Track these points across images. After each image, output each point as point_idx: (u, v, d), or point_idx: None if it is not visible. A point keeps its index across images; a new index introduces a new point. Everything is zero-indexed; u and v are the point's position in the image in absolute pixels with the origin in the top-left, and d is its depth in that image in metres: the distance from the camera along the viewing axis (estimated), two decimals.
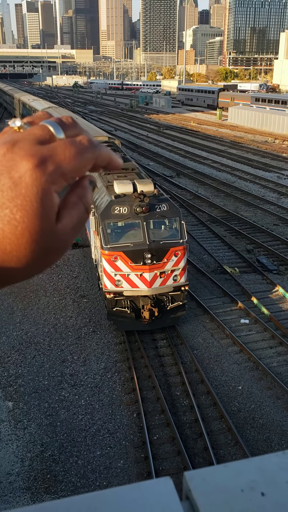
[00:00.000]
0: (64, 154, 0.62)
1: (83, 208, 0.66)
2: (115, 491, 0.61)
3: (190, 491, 0.61)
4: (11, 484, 9.23)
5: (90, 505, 0.59)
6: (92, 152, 0.65)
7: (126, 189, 13.28)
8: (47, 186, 0.59)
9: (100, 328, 14.55)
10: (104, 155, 0.68)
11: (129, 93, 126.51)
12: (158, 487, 0.62)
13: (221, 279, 17.74)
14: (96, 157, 0.66)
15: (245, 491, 0.61)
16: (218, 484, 0.62)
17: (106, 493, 0.60)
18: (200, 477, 0.63)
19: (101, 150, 0.67)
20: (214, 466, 0.65)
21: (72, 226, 0.64)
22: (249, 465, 0.65)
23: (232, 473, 0.64)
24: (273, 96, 70.79)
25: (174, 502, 0.60)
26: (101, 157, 0.67)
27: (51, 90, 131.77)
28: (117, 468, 9.58)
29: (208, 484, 0.62)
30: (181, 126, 61.96)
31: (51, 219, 0.61)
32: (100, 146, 0.67)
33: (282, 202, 27.76)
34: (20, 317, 15.29)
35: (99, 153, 0.66)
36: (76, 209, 0.65)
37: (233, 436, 10.30)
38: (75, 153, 0.63)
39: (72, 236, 0.64)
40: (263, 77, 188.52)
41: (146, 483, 0.62)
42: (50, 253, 0.62)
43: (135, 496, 0.60)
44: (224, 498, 0.60)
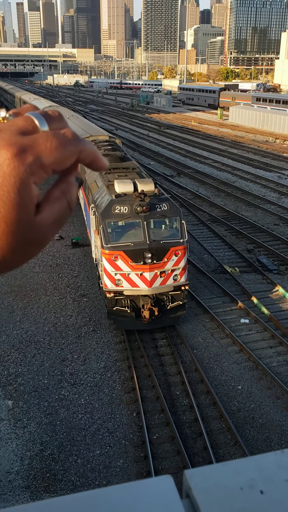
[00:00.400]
0: (46, 145, 0.61)
1: (65, 204, 0.65)
2: (116, 488, 0.61)
3: (190, 489, 0.62)
4: (11, 483, 9.24)
5: (91, 502, 0.59)
6: (75, 145, 0.64)
7: (126, 188, 13.28)
8: (26, 177, 0.59)
9: (100, 327, 14.56)
10: (89, 151, 0.67)
11: (130, 92, 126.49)
12: (159, 485, 0.62)
13: (221, 279, 17.74)
14: (80, 151, 0.65)
15: (244, 489, 0.62)
16: (218, 482, 0.63)
17: (107, 490, 0.61)
18: (200, 475, 0.63)
19: (86, 145, 0.66)
20: (214, 465, 0.66)
21: (52, 220, 0.63)
22: (248, 464, 0.66)
23: (231, 472, 0.65)
24: (274, 96, 70.75)
25: (174, 500, 0.60)
26: (85, 152, 0.66)
27: (52, 89, 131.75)
28: (116, 467, 9.59)
29: (208, 482, 0.63)
30: (182, 125, 61.93)
31: (29, 210, 0.60)
32: (84, 141, 0.66)
33: (283, 202, 27.75)
34: (20, 316, 15.30)
35: (83, 148, 0.65)
36: (58, 204, 0.64)
37: (233, 435, 10.31)
38: (57, 145, 0.62)
39: (53, 230, 0.64)
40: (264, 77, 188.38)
41: (147, 481, 0.63)
42: (29, 245, 0.62)
43: (136, 494, 0.61)
44: (224, 496, 0.61)
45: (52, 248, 20.62)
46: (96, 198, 14.44)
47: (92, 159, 0.68)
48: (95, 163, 0.69)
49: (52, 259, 19.50)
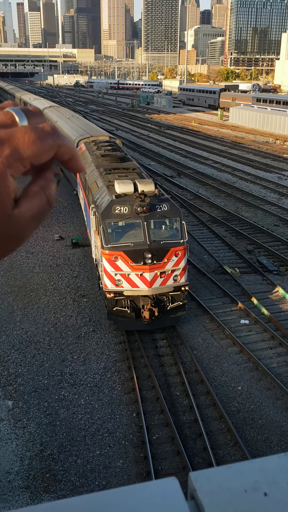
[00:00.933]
0: (24, 138, 0.61)
1: (44, 199, 0.65)
2: (122, 491, 0.62)
3: (195, 490, 0.62)
4: (10, 483, 9.24)
5: (96, 505, 0.60)
6: (53, 140, 0.64)
7: (127, 189, 13.29)
8: (2, 169, 0.59)
9: (100, 327, 14.56)
10: (67, 147, 0.66)
11: (130, 92, 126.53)
12: (164, 487, 0.63)
13: (221, 280, 17.75)
14: (59, 146, 0.65)
15: (248, 491, 0.63)
16: (222, 484, 0.64)
17: (112, 493, 0.62)
18: (204, 478, 0.64)
19: (65, 141, 0.66)
20: (218, 467, 0.67)
21: (31, 215, 0.63)
22: (251, 466, 0.67)
23: (235, 474, 0.66)
24: (274, 97, 70.77)
25: (180, 502, 0.61)
26: (64, 147, 0.66)
27: (52, 89, 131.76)
28: (116, 468, 9.59)
29: (212, 484, 0.63)
30: (182, 126, 61.95)
31: (6, 203, 0.60)
32: (64, 137, 0.66)
33: (283, 202, 27.76)
34: (20, 316, 15.30)
35: (61, 143, 0.65)
36: (37, 199, 0.64)
37: (233, 436, 10.31)
38: (35, 138, 0.62)
39: (32, 225, 0.64)
40: (264, 77, 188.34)
41: (152, 483, 0.64)
42: (6, 239, 0.62)
43: (142, 496, 0.62)
44: (229, 498, 0.62)
45: (52, 249, 20.63)
46: (96, 198, 14.45)
47: (70, 156, 0.67)
48: (73, 161, 0.68)
49: (52, 260, 19.50)
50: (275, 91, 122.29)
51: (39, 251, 20.33)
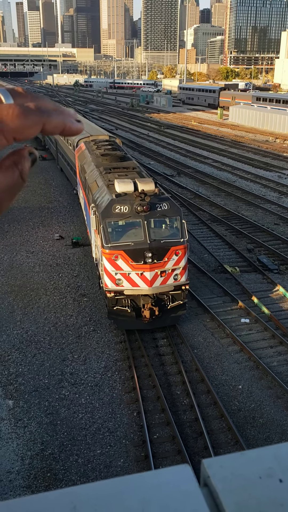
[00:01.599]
0: (7, 112, 0.62)
1: (17, 173, 0.66)
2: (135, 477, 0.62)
3: (209, 477, 0.62)
4: (11, 482, 9.24)
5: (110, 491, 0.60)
6: (38, 116, 0.65)
7: (127, 188, 13.27)
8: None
9: (100, 327, 14.56)
10: (55, 122, 0.68)
11: (130, 91, 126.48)
12: (177, 474, 0.63)
13: (222, 278, 17.74)
14: (44, 121, 0.66)
15: (263, 478, 0.63)
16: (236, 471, 0.63)
17: (126, 479, 0.62)
18: (218, 464, 0.64)
19: (51, 117, 0.67)
20: (232, 454, 0.67)
21: (5, 187, 0.64)
22: (265, 453, 0.67)
23: (249, 461, 0.65)
24: (274, 96, 70.71)
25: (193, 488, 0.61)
26: (51, 123, 0.67)
27: (51, 89, 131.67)
28: (117, 467, 9.59)
29: (226, 471, 0.63)
30: (182, 125, 61.91)
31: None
32: (50, 112, 0.67)
33: (283, 201, 27.75)
34: (21, 315, 15.30)
35: (47, 119, 0.66)
36: (9, 172, 0.65)
37: (233, 435, 10.31)
38: (18, 113, 0.63)
39: (5, 198, 0.65)
40: (264, 76, 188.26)
41: (165, 470, 0.63)
42: None
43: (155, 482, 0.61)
44: (243, 484, 0.62)
45: (52, 248, 20.62)
46: (96, 197, 14.44)
47: (62, 128, 0.69)
48: (68, 131, 0.70)
49: (52, 259, 19.50)
50: (274, 88, 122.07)
51: (39, 251, 20.32)
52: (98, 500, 0.59)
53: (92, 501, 0.59)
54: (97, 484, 0.61)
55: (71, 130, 0.70)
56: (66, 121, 0.69)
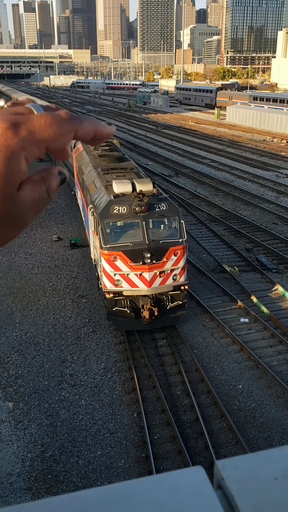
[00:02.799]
0: (40, 122, 0.63)
1: (44, 189, 0.66)
2: (148, 480, 0.60)
3: (223, 479, 0.61)
4: (12, 485, 9.22)
5: (123, 493, 0.59)
6: (70, 123, 0.65)
7: (125, 188, 13.26)
8: (17, 149, 0.60)
9: (99, 328, 14.54)
10: (86, 129, 0.68)
11: (126, 92, 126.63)
12: (191, 476, 0.62)
13: (221, 278, 17.74)
14: (76, 129, 0.66)
15: (279, 479, 0.61)
16: (251, 473, 0.62)
17: (139, 482, 0.60)
18: (232, 466, 0.63)
19: (83, 124, 0.68)
20: (246, 455, 0.65)
21: (32, 199, 0.64)
22: (281, 454, 0.65)
23: (264, 461, 0.64)
24: (271, 95, 70.77)
25: (208, 491, 0.59)
26: (83, 130, 0.68)
27: (48, 90, 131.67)
28: (118, 468, 9.58)
29: (240, 473, 0.62)
30: (179, 125, 61.94)
31: (14, 183, 0.61)
32: (81, 119, 0.68)
33: (281, 200, 27.77)
34: (20, 317, 15.27)
35: (79, 126, 0.67)
36: (37, 187, 0.66)
37: (234, 435, 10.30)
38: (51, 123, 0.63)
39: (32, 211, 0.65)
40: (260, 76, 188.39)
41: (178, 472, 0.62)
42: (7, 220, 0.62)
43: (168, 485, 0.60)
44: (258, 485, 0.60)
45: (50, 249, 20.60)
46: (94, 198, 14.42)
47: (93, 135, 0.70)
48: (100, 134, 0.71)
49: (50, 260, 19.47)
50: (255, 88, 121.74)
51: (37, 252, 20.30)
52: (110, 504, 0.58)
53: (103, 505, 0.57)
54: (108, 487, 0.60)
55: (102, 133, 0.71)
56: (98, 126, 0.70)
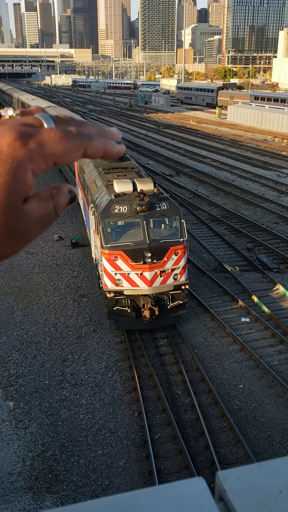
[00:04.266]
0: (50, 135, 0.62)
1: (52, 206, 0.65)
2: (148, 492, 0.59)
3: (225, 491, 0.59)
4: (13, 484, 9.22)
5: (124, 505, 0.58)
6: (80, 140, 0.65)
7: (126, 188, 13.25)
8: (24, 161, 0.59)
9: (100, 327, 14.54)
10: (96, 145, 0.67)
11: (128, 91, 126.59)
12: (192, 488, 0.60)
13: (222, 278, 17.72)
14: (86, 146, 0.66)
15: (283, 491, 0.59)
16: (254, 484, 0.60)
17: (138, 494, 0.59)
18: (234, 477, 0.60)
19: (93, 141, 0.67)
20: (249, 465, 0.63)
21: (38, 215, 0.63)
22: (285, 464, 0.63)
23: (268, 472, 0.62)
24: (272, 95, 70.70)
25: (209, 504, 0.58)
26: (92, 148, 0.67)
27: (50, 90, 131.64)
28: (118, 467, 9.58)
29: (243, 484, 0.60)
30: (180, 124, 61.90)
31: (20, 195, 0.60)
32: (92, 137, 0.67)
33: (282, 200, 27.75)
34: (21, 316, 15.28)
35: (88, 143, 0.66)
36: (45, 203, 0.65)
37: (235, 434, 10.30)
38: (60, 137, 0.62)
39: (37, 226, 0.64)
40: (262, 75, 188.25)
41: (179, 483, 0.60)
42: (12, 234, 0.61)
43: (169, 497, 0.58)
44: (262, 498, 0.58)
45: (52, 249, 20.60)
46: (95, 198, 14.42)
47: (102, 152, 0.69)
48: (108, 154, 0.70)
49: (52, 260, 19.48)
50: (242, 88, 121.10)
51: (38, 252, 20.30)
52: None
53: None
54: (108, 499, 0.58)
55: (111, 153, 0.71)
56: (107, 145, 0.69)
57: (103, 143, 0.69)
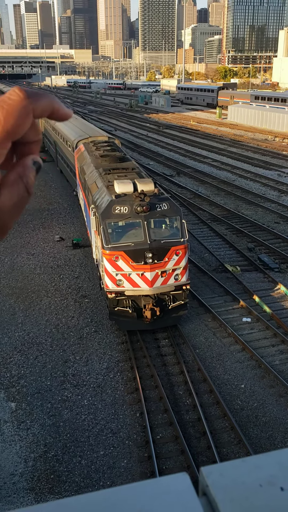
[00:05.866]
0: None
1: (23, 187, 0.63)
2: (132, 487, 0.60)
3: (207, 486, 0.60)
4: (15, 485, 9.24)
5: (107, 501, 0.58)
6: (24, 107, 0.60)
7: (126, 188, 13.26)
8: None
9: (102, 328, 14.55)
10: (42, 106, 0.63)
11: (128, 92, 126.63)
12: (175, 483, 0.61)
13: (223, 278, 17.72)
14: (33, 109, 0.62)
15: (263, 486, 0.60)
16: (236, 479, 0.61)
17: (122, 489, 0.60)
18: (217, 472, 0.62)
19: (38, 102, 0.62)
20: (232, 461, 0.64)
21: (11, 204, 0.61)
22: (267, 460, 0.64)
23: (250, 468, 0.63)
24: (273, 94, 70.68)
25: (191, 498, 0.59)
26: (38, 109, 0.62)
27: (50, 90, 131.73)
28: (120, 468, 9.58)
29: (226, 479, 0.61)
30: (180, 125, 61.90)
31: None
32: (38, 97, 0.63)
33: (283, 200, 27.73)
34: (22, 318, 15.29)
35: (34, 106, 0.62)
36: (15, 188, 0.63)
37: (236, 434, 10.30)
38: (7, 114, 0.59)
39: (13, 215, 0.62)
40: (262, 75, 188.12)
41: (162, 479, 0.61)
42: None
43: (152, 492, 0.60)
44: (243, 493, 0.59)
45: (53, 250, 20.62)
46: (96, 198, 14.43)
47: (50, 111, 0.65)
48: (56, 114, 0.66)
49: (53, 261, 19.49)
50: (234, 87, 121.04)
51: (39, 253, 20.32)
52: (94, 511, 0.57)
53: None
54: (91, 494, 0.59)
55: (59, 112, 0.66)
56: (54, 104, 0.65)
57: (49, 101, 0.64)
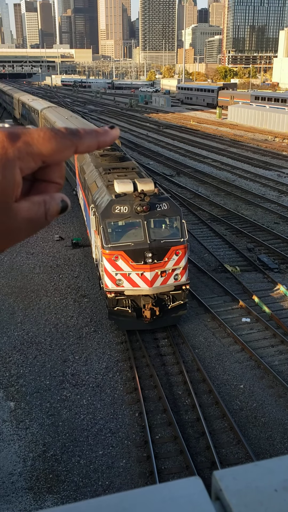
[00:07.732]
0: (38, 135, 0.63)
1: (43, 211, 0.66)
2: (145, 491, 0.59)
3: (221, 491, 0.59)
4: (14, 484, 9.23)
5: (119, 505, 0.58)
6: (69, 139, 0.65)
7: (126, 188, 13.25)
8: (12, 158, 0.60)
9: (101, 327, 14.54)
10: (87, 144, 0.67)
11: (128, 92, 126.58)
12: (188, 487, 0.60)
13: (222, 278, 17.72)
14: (76, 145, 0.66)
15: (279, 491, 0.59)
16: (250, 484, 0.60)
17: (135, 493, 0.59)
18: (231, 477, 0.61)
19: (83, 139, 0.66)
20: (245, 465, 0.63)
21: (28, 216, 0.64)
22: (281, 464, 0.63)
23: (263, 472, 0.62)
24: (273, 95, 70.68)
25: (205, 503, 0.58)
26: (83, 145, 0.67)
27: (50, 90, 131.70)
28: (119, 468, 9.58)
29: (239, 484, 0.60)
30: (180, 125, 61.89)
31: (9, 193, 0.61)
32: (81, 135, 0.67)
33: (283, 200, 27.74)
34: (21, 317, 15.28)
35: (78, 142, 0.66)
36: (36, 207, 0.65)
37: (235, 435, 10.29)
38: (49, 137, 0.63)
39: (26, 228, 0.64)
40: (262, 75, 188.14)
41: (175, 483, 0.61)
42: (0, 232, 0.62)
43: (165, 496, 0.59)
44: (258, 498, 0.58)
45: (52, 249, 20.61)
46: (96, 198, 14.42)
47: (95, 147, 0.69)
48: (103, 144, 0.70)
49: (52, 260, 19.48)
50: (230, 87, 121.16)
51: (39, 252, 20.31)
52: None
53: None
54: (103, 499, 0.58)
55: (106, 142, 0.70)
56: (99, 138, 0.69)
57: (94, 137, 0.69)
